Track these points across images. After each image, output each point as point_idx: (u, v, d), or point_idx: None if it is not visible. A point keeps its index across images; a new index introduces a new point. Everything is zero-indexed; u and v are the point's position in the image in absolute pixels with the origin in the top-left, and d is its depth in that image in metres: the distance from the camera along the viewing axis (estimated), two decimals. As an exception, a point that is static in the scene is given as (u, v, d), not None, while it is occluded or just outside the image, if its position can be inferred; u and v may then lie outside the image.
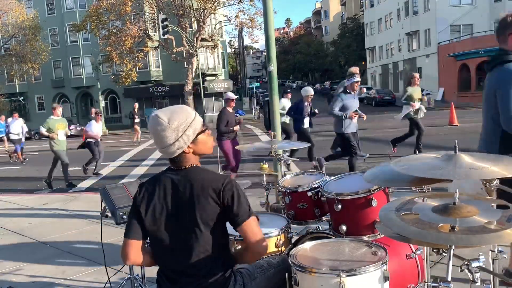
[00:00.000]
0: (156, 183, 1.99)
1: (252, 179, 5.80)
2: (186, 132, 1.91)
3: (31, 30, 34.09)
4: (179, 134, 1.90)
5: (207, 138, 2.01)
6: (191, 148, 1.95)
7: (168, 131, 1.89)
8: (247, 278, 2.02)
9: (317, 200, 2.91)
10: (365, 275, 1.82)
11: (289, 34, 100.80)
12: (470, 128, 14.73)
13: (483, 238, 1.50)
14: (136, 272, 3.13)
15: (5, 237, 5.76)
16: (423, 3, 39.00)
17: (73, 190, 9.33)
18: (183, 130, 1.90)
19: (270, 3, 5.90)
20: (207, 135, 2.01)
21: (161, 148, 1.95)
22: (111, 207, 2.93)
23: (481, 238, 1.50)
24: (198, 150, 1.98)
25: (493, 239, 1.53)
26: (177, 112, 1.94)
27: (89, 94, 40.52)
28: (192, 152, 1.97)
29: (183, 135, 1.90)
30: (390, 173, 2.20)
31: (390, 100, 33.97)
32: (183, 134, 1.90)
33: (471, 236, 1.51)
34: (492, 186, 2.03)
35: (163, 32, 24.38)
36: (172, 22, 27.06)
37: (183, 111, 1.95)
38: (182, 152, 1.94)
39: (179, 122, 1.90)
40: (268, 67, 6.04)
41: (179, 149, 1.92)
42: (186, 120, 1.92)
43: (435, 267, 3.59)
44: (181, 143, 1.91)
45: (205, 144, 2.00)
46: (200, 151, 1.99)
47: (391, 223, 1.71)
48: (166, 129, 1.89)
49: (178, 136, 1.90)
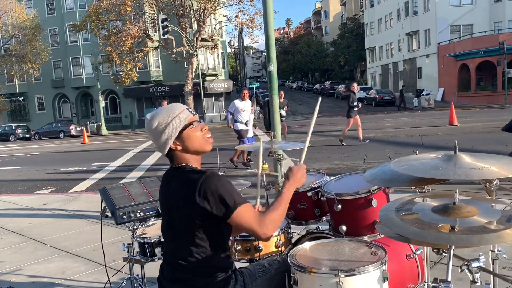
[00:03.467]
0: (163, 179, 2.08)
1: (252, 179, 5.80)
2: (167, 128, 1.93)
3: (31, 30, 34.11)
4: (161, 131, 1.94)
5: (192, 133, 1.95)
6: (179, 145, 1.95)
7: (152, 129, 1.95)
8: (248, 279, 2.01)
9: (317, 200, 2.91)
10: (364, 275, 1.82)
11: (289, 34, 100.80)
12: (470, 128, 14.75)
13: (483, 238, 1.50)
14: (136, 272, 3.13)
15: (5, 237, 5.76)
16: (423, 3, 39.02)
17: (73, 190, 9.33)
18: (163, 127, 1.93)
19: (270, 3, 5.90)
20: (193, 131, 1.96)
21: (155, 146, 2.02)
22: (111, 207, 2.93)
23: (481, 238, 1.50)
24: (187, 146, 1.96)
25: (493, 239, 1.52)
26: (160, 111, 1.99)
27: (89, 94, 40.53)
28: (182, 149, 1.96)
29: (165, 131, 1.93)
30: (390, 173, 2.20)
31: (390, 100, 34.01)
32: (164, 130, 1.93)
33: (471, 236, 1.51)
34: (492, 186, 2.03)
35: (163, 32, 24.38)
36: (172, 22, 27.07)
37: (166, 109, 1.98)
38: (171, 149, 1.96)
39: (160, 120, 1.94)
40: (268, 67, 6.04)
41: (164, 146, 1.95)
42: (167, 117, 1.94)
43: (435, 267, 3.59)
44: (164, 139, 1.94)
45: (192, 140, 1.95)
46: (190, 147, 1.96)
47: (391, 223, 1.72)
48: (150, 128, 1.96)
49: (160, 133, 1.94)
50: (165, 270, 2.00)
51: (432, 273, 3.08)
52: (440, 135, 13.62)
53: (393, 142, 12.79)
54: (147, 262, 2.90)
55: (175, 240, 1.97)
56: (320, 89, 55.30)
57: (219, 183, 1.85)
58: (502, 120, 15.81)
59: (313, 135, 2.57)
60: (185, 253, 1.90)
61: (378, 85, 49.34)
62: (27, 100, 41.68)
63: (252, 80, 58.63)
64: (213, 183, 1.84)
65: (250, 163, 10.28)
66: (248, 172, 9.54)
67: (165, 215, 2.04)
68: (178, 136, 1.94)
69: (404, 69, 44.09)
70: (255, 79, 65.47)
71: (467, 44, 32.70)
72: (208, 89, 35.75)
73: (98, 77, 33.25)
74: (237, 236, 2.55)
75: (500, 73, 29.54)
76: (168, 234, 2.03)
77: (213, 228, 1.90)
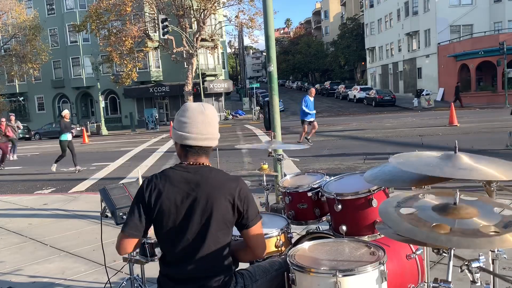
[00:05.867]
0: (166, 179, 1.94)
1: (252, 179, 5.80)
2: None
3: (31, 30, 34.09)
4: (216, 125, 2.05)
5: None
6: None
7: (214, 118, 2.04)
8: (248, 280, 2.01)
9: (317, 200, 2.91)
10: (363, 275, 1.82)
11: (289, 34, 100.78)
12: (470, 128, 14.75)
13: (473, 242, 1.47)
14: (136, 272, 3.13)
15: (5, 238, 5.76)
16: (423, 3, 39.01)
17: (73, 190, 9.33)
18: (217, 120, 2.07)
19: (270, 3, 5.90)
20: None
21: (208, 136, 1.99)
22: (111, 207, 2.93)
23: (470, 241, 1.47)
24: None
25: (484, 244, 1.49)
26: (207, 104, 2.12)
27: (89, 95, 40.54)
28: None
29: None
30: (390, 173, 2.20)
31: (390, 101, 33.99)
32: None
33: (461, 239, 1.48)
34: (492, 187, 2.03)
35: (163, 32, 24.38)
36: (172, 23, 27.07)
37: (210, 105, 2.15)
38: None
39: (215, 114, 2.08)
40: (268, 67, 6.04)
41: (216, 138, 2.03)
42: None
43: (435, 268, 3.60)
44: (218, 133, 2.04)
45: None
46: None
47: (387, 217, 1.71)
48: (212, 116, 2.04)
49: (216, 126, 2.03)
50: (172, 271, 1.96)
51: (432, 273, 3.08)
52: (440, 135, 13.62)
53: (393, 142, 12.79)
54: (147, 262, 2.90)
55: (185, 247, 1.91)
56: (320, 89, 55.29)
57: (250, 191, 2.00)
58: (502, 120, 15.82)
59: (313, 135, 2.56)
60: (195, 259, 1.90)
61: (378, 85, 49.34)
62: (27, 100, 41.69)
63: (252, 80, 58.57)
64: (248, 191, 1.97)
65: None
66: (248, 172, 9.54)
67: (174, 223, 1.92)
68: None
69: (404, 69, 44.08)
70: (255, 79, 65.51)
71: (467, 44, 32.69)
72: (208, 89, 35.77)
73: (98, 77, 33.25)
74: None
75: (500, 73, 29.54)
76: (174, 244, 1.93)
77: (229, 232, 1.97)
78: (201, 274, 1.90)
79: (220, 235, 1.91)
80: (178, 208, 1.91)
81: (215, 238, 1.90)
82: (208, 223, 1.88)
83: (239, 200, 1.90)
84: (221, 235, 1.91)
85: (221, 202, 1.87)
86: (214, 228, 1.89)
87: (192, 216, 1.89)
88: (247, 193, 1.93)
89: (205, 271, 1.90)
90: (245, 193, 1.92)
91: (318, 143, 13.50)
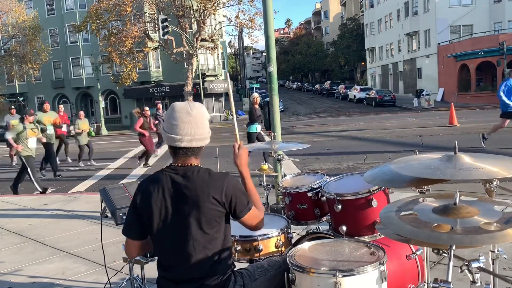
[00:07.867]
0: (156, 182, 1.98)
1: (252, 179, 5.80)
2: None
3: (31, 30, 34.06)
4: (207, 124, 2.06)
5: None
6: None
7: (203, 118, 2.06)
8: (247, 279, 2.01)
9: (317, 200, 2.91)
10: (362, 275, 1.82)
11: (289, 35, 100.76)
12: (470, 129, 14.74)
13: (475, 239, 1.48)
14: (136, 272, 3.13)
15: (5, 238, 5.76)
16: (423, 4, 39.03)
17: (73, 190, 9.33)
18: (208, 120, 2.08)
19: (270, 3, 5.89)
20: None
21: (196, 136, 2.00)
22: (111, 207, 2.93)
23: (472, 238, 1.48)
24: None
25: (485, 240, 1.51)
26: (197, 103, 2.14)
27: (89, 95, 40.53)
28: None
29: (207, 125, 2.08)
30: (390, 173, 2.20)
31: (390, 101, 33.97)
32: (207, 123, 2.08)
33: (462, 236, 1.49)
34: (492, 186, 2.03)
35: (163, 32, 24.38)
36: (172, 23, 27.07)
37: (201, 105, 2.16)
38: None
39: (205, 113, 2.09)
40: (268, 68, 6.03)
41: (207, 137, 2.05)
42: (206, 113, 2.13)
43: (435, 268, 3.60)
44: (208, 132, 2.06)
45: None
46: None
47: (388, 220, 1.72)
48: (202, 116, 2.06)
49: (206, 124, 2.05)
50: (169, 273, 1.96)
51: (432, 273, 3.08)
52: (440, 135, 13.62)
53: (393, 143, 12.80)
54: (147, 263, 2.90)
55: (180, 249, 1.92)
56: (320, 89, 55.27)
57: (239, 185, 2.02)
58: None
59: (313, 135, 2.57)
60: (191, 259, 1.91)
61: (378, 86, 49.34)
62: (27, 100, 41.65)
63: (252, 80, 58.51)
64: (236, 185, 1.99)
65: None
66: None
67: (167, 225, 1.94)
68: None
69: (404, 69, 44.09)
70: (255, 80, 65.40)
71: (467, 45, 32.69)
72: (208, 90, 35.75)
73: (98, 77, 33.24)
74: (237, 237, 2.55)
75: (500, 73, 29.52)
76: (170, 245, 1.94)
77: (225, 230, 1.98)
78: (199, 274, 1.90)
79: (212, 233, 1.91)
80: (167, 210, 1.93)
81: (207, 237, 1.90)
82: (199, 224, 1.89)
83: (225, 197, 1.92)
84: (214, 233, 1.92)
85: (208, 201, 1.89)
86: (205, 227, 1.90)
87: (181, 217, 1.91)
88: (234, 189, 1.95)
89: (202, 271, 1.90)
90: (231, 190, 1.94)
91: (318, 143, 13.50)
